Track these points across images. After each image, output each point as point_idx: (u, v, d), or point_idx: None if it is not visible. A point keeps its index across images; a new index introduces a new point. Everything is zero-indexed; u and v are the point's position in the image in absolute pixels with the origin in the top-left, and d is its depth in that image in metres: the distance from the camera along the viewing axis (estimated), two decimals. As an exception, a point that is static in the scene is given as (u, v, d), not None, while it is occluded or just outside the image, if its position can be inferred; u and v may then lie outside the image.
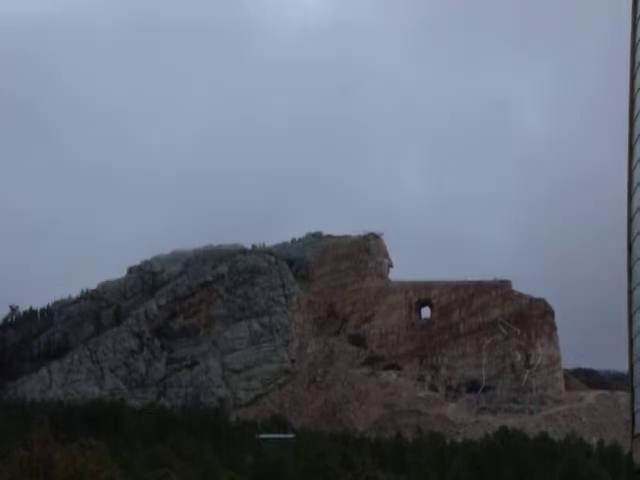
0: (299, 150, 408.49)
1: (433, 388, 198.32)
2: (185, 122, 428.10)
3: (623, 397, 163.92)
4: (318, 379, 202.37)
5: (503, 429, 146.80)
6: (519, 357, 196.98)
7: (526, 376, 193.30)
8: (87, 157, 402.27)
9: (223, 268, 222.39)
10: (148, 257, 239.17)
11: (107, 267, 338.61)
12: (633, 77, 12.40)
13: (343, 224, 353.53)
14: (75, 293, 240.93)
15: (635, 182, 12.50)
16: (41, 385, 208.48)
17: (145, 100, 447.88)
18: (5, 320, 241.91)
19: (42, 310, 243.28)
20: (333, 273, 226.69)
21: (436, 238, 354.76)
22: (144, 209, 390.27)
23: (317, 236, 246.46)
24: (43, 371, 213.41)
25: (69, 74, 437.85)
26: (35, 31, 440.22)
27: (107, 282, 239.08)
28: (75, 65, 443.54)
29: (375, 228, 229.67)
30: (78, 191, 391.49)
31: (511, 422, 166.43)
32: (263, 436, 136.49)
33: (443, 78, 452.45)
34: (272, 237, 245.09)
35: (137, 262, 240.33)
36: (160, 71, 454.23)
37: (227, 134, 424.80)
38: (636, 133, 12.44)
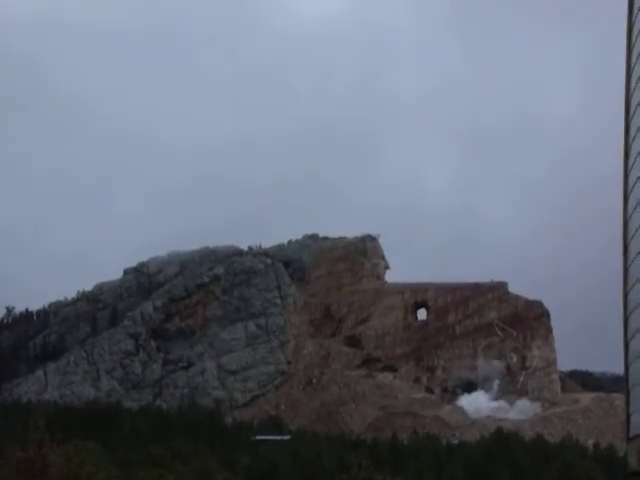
0: (296, 152, 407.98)
1: (429, 390, 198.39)
2: (184, 122, 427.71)
3: (619, 399, 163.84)
4: (314, 380, 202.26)
5: (499, 431, 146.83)
6: (515, 359, 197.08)
7: (522, 378, 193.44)
8: (83, 157, 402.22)
9: (219, 269, 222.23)
10: (144, 259, 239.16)
11: (103, 269, 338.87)
12: (629, 77, 12.46)
13: (339, 226, 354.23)
14: (71, 294, 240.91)
15: (631, 183, 12.57)
16: (37, 386, 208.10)
17: (145, 100, 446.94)
18: (1, 321, 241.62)
19: (38, 311, 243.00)
20: (329, 275, 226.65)
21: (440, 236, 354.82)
22: (140, 211, 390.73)
23: (313, 238, 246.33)
24: (39, 372, 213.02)
25: (66, 67, 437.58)
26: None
27: (103, 283, 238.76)
28: (74, 56, 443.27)
29: (372, 230, 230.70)
30: (74, 192, 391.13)
31: (507, 424, 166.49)
32: (259, 437, 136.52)
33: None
34: (268, 239, 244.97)
35: (133, 264, 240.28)
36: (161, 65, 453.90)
37: (226, 137, 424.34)
38: (632, 133, 12.51)
